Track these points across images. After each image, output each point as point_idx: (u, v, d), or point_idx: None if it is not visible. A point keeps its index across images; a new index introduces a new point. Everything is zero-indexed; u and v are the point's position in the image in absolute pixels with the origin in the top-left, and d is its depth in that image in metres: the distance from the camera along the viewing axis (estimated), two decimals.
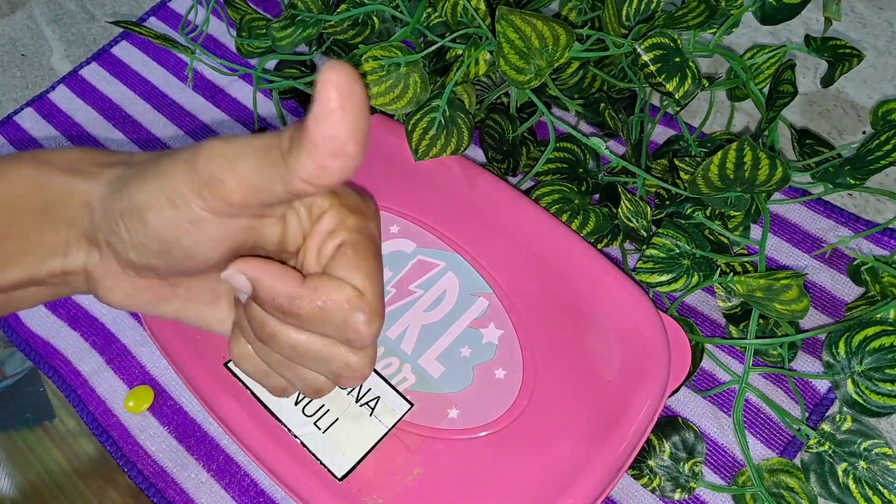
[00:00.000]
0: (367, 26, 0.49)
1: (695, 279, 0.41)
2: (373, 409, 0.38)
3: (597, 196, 0.48)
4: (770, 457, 0.41)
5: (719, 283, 0.42)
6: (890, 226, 0.46)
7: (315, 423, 0.38)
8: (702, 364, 0.43)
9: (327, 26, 0.48)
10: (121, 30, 0.61)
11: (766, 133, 0.45)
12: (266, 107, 0.56)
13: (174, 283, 0.30)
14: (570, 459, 0.36)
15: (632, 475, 0.40)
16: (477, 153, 0.52)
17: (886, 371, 0.37)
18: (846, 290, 0.45)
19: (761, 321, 0.42)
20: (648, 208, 0.43)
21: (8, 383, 0.48)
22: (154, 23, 0.62)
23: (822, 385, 0.42)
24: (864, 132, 0.51)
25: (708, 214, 0.43)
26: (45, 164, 0.29)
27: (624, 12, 0.42)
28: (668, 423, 0.40)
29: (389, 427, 0.38)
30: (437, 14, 0.47)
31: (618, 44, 0.42)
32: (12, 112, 0.58)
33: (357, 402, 0.38)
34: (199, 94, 0.57)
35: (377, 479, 0.37)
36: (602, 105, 0.46)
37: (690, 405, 0.43)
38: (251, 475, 0.43)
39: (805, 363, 0.43)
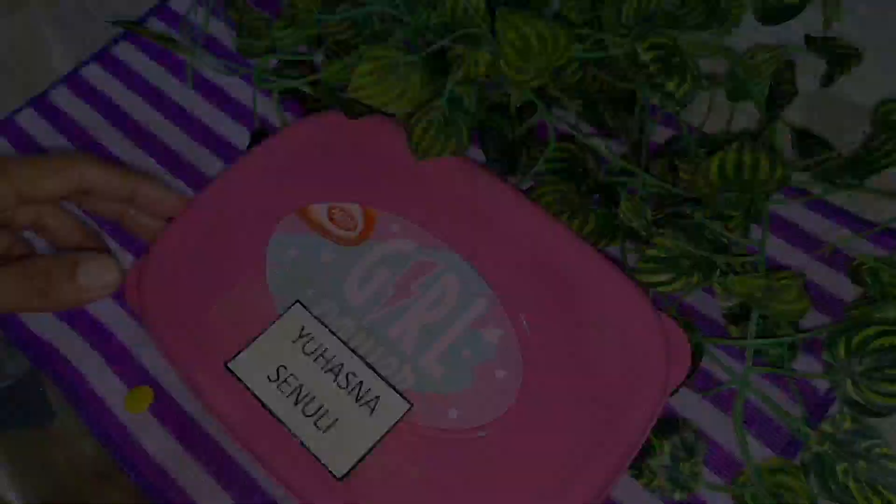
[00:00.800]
0: (367, 26, 0.49)
1: (695, 279, 0.41)
2: (373, 409, 0.38)
3: (597, 196, 0.48)
4: (770, 457, 0.41)
5: (719, 283, 0.42)
6: (890, 226, 0.46)
7: (315, 423, 0.38)
8: (702, 364, 0.43)
9: (327, 26, 0.48)
10: (121, 30, 0.61)
11: (765, 133, 0.45)
12: (266, 107, 0.56)
13: None
14: (570, 459, 0.36)
15: (632, 475, 0.40)
16: (477, 153, 0.52)
17: (886, 371, 0.37)
18: (846, 290, 0.45)
19: (761, 321, 0.42)
20: (648, 208, 0.43)
21: (8, 383, 0.48)
22: (154, 23, 0.62)
23: (822, 385, 0.42)
24: (864, 132, 0.51)
25: (708, 214, 0.43)
26: None
27: (624, 12, 0.42)
28: (668, 423, 0.40)
29: (389, 427, 0.38)
30: (437, 14, 0.46)
31: (618, 44, 0.42)
32: (12, 112, 0.58)
33: (357, 402, 0.38)
34: (198, 94, 0.57)
35: (377, 479, 0.37)
36: (602, 105, 0.46)
37: (690, 405, 0.43)
38: (251, 475, 0.43)
39: (805, 363, 0.43)
